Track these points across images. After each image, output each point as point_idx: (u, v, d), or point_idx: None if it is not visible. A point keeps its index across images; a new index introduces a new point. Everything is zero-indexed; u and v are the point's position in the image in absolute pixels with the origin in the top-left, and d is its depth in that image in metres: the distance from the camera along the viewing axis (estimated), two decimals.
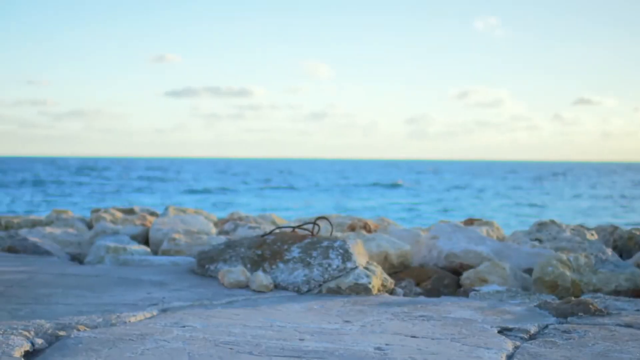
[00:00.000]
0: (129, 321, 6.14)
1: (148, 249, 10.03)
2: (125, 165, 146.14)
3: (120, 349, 5.24)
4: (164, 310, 6.57)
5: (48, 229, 11.44)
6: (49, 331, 5.73)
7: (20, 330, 5.67)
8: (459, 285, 8.83)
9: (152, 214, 13.92)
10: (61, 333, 5.70)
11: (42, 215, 14.61)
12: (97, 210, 13.56)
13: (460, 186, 71.98)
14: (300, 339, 5.62)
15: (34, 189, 61.56)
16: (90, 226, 12.84)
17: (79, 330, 5.80)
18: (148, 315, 6.37)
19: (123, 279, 8.14)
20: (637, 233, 10.68)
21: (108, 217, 12.80)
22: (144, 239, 11.37)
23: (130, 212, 14.01)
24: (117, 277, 8.22)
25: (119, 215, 13.20)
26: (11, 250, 10.36)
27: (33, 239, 10.54)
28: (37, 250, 10.24)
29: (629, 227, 11.36)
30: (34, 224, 12.85)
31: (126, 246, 9.80)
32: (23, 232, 11.21)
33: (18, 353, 5.13)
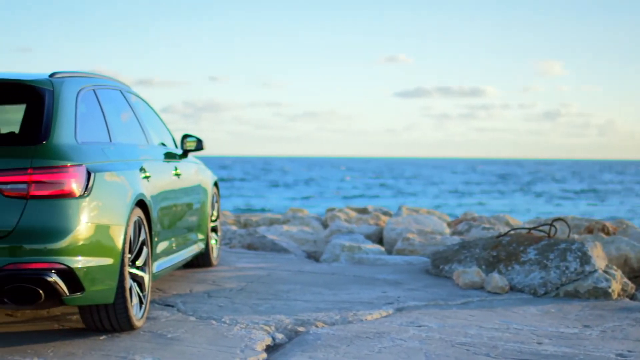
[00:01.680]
0: (365, 319, 6.22)
1: (382, 248, 10.13)
2: (360, 166, 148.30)
3: (357, 346, 5.32)
4: (399, 309, 6.62)
5: (285, 227, 11.75)
6: (289, 327, 5.89)
7: (261, 325, 5.87)
8: None
9: (386, 213, 14.07)
10: (300, 329, 5.84)
11: (279, 214, 15.04)
12: (332, 210, 13.83)
13: None
14: (538, 343, 5.52)
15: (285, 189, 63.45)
16: (325, 225, 13.10)
17: (317, 326, 5.93)
18: (384, 313, 6.44)
19: (358, 277, 8.26)
20: None
21: (342, 216, 13.03)
22: (378, 238, 11.49)
23: (364, 211, 14.21)
24: (352, 275, 8.35)
25: (353, 214, 13.41)
26: (251, 247, 10.72)
27: (271, 236, 10.86)
28: (275, 248, 10.55)
29: None
30: (272, 222, 13.24)
31: (361, 245, 9.93)
32: (261, 230, 11.57)
33: (260, 347, 5.31)
